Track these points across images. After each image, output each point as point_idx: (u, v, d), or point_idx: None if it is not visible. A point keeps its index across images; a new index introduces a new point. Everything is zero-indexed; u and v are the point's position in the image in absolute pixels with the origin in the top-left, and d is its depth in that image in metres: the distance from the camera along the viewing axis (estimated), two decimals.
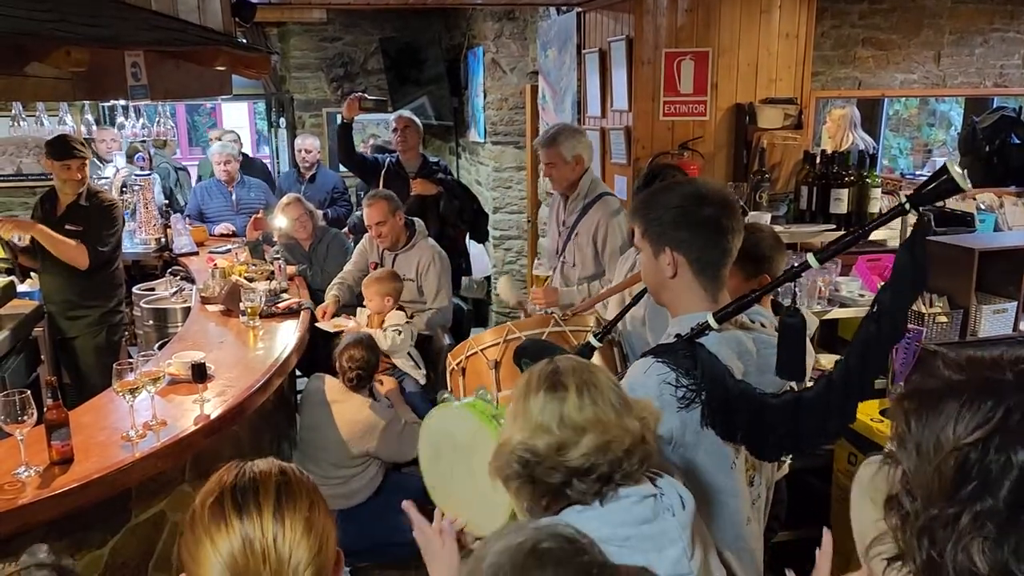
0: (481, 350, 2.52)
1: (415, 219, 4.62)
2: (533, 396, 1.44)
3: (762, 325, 1.97)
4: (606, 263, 3.64)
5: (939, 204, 4.72)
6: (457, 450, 1.88)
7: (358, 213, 5.73)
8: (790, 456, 3.01)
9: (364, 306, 4.31)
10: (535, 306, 3.65)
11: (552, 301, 3.59)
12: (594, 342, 2.18)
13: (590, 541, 1.09)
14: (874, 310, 1.59)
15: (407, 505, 1.73)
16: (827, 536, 1.56)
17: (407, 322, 4.21)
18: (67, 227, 4.11)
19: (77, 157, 4.10)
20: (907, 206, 1.54)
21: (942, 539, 0.91)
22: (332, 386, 3.65)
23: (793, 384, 1.89)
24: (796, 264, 1.71)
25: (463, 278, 5.41)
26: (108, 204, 4.28)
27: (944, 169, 1.48)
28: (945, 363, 0.98)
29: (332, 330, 4.18)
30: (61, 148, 4.11)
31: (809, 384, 1.97)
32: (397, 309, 4.24)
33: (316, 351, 4.17)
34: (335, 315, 4.37)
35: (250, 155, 7.00)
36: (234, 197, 6.09)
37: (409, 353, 4.24)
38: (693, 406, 1.65)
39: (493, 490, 1.50)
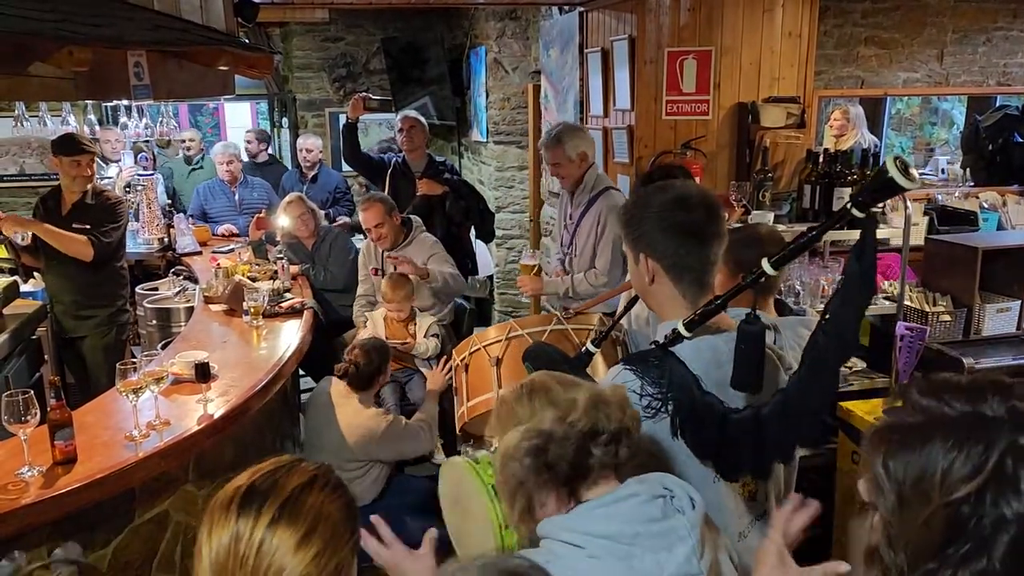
0: (484, 347, 2.53)
1: (411, 216, 4.67)
2: (518, 405, 1.47)
3: None
4: (599, 253, 3.77)
5: (944, 204, 4.71)
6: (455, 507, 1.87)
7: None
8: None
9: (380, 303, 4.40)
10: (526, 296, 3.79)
11: (536, 288, 3.78)
12: (591, 348, 2.18)
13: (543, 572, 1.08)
14: (824, 319, 1.53)
15: (375, 519, 1.65)
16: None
17: (435, 321, 4.35)
18: (74, 225, 4.12)
19: (87, 152, 4.11)
20: (850, 207, 1.47)
21: None
22: (337, 388, 3.66)
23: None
24: (752, 273, 1.63)
25: (468, 277, 5.41)
26: (114, 201, 4.29)
27: (883, 168, 1.40)
28: (921, 390, 0.90)
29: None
30: (70, 144, 4.12)
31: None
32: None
33: (320, 351, 4.18)
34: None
35: (268, 157, 7.00)
36: (237, 197, 6.10)
37: (429, 360, 4.29)
38: (660, 416, 1.60)
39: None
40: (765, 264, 1.59)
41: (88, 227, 4.11)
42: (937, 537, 0.83)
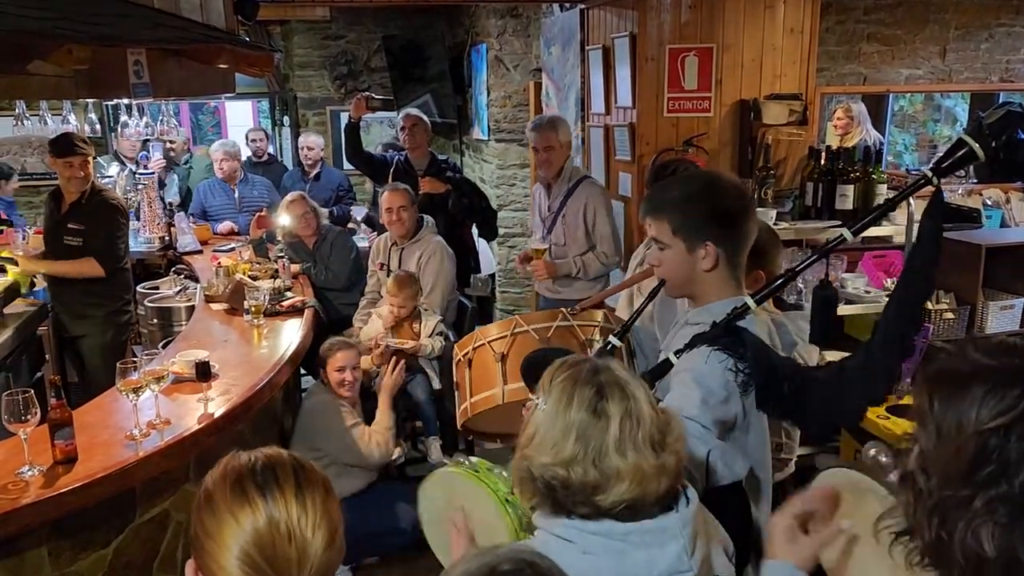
0: (488, 342, 2.51)
1: (425, 216, 4.69)
2: (574, 411, 1.35)
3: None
4: (597, 238, 3.98)
5: (947, 201, 4.70)
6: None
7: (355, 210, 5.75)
8: (795, 456, 3.01)
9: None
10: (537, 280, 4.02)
11: (552, 271, 3.95)
12: (615, 341, 2.15)
13: (551, 564, 1.08)
14: (906, 272, 1.73)
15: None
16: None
17: (440, 320, 4.36)
18: (69, 225, 4.12)
19: (79, 154, 4.10)
20: (931, 175, 1.68)
21: (953, 520, 0.93)
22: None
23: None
24: (829, 241, 1.80)
25: (471, 276, 5.41)
26: (110, 203, 4.27)
27: (962, 142, 1.68)
28: (976, 347, 1.00)
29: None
30: (63, 145, 4.11)
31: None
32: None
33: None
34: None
35: (268, 156, 7.01)
36: (237, 195, 6.09)
37: (432, 360, 4.29)
38: (750, 389, 1.73)
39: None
40: (845, 231, 1.76)
41: (83, 227, 4.11)
42: (966, 463, 0.93)
